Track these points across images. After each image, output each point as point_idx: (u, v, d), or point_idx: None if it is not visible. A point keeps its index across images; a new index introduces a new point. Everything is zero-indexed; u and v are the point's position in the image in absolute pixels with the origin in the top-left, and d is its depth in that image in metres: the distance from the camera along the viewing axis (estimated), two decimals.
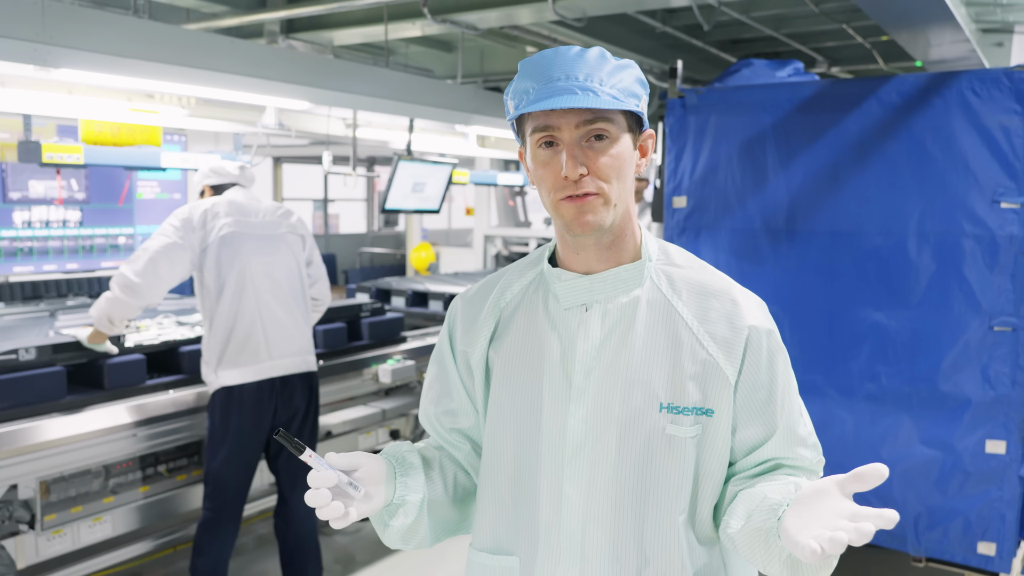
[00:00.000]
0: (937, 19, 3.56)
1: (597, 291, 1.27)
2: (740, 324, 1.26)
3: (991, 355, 2.93)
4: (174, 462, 3.45)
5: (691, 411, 1.24)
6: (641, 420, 1.24)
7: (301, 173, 11.39)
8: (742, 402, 1.27)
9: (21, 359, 2.99)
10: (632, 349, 1.25)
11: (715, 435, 1.26)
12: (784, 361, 1.31)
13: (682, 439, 1.24)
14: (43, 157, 3.82)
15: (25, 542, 2.95)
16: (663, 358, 1.25)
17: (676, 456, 1.24)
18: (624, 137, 1.23)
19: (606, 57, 1.23)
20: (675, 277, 1.30)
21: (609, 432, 1.25)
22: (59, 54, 2.83)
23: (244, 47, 3.58)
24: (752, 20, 5.05)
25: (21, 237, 4.79)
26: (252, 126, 4.76)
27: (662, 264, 1.31)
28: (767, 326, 1.29)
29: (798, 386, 1.37)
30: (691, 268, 1.32)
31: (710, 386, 1.25)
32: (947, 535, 3.06)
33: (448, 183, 5.60)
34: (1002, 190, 2.89)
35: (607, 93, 1.19)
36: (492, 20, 4.41)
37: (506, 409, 1.33)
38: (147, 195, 5.43)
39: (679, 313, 1.27)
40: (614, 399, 1.25)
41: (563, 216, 1.23)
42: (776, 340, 1.30)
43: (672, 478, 1.25)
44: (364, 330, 4.36)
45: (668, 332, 1.26)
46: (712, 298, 1.28)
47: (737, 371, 1.26)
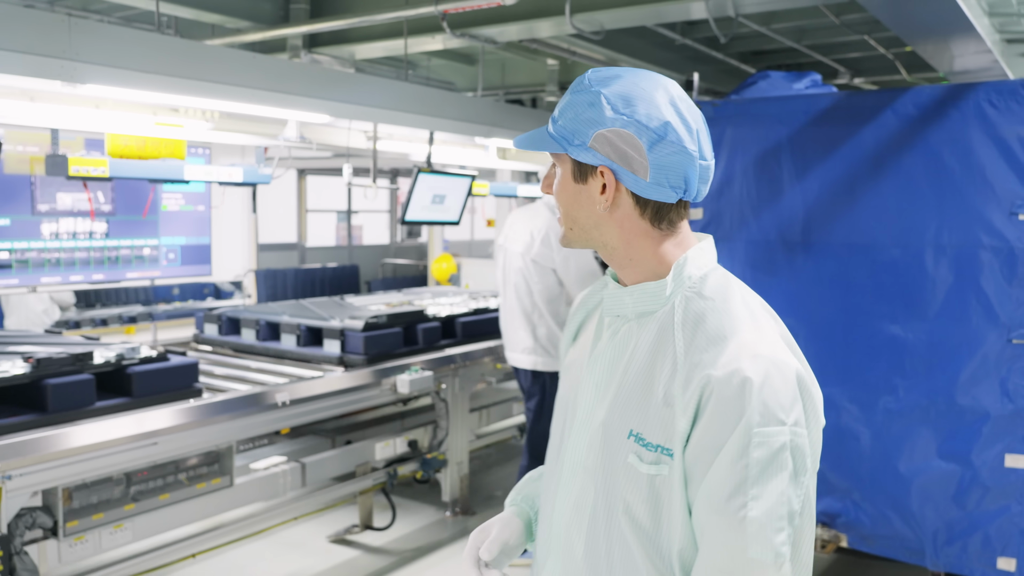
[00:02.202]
0: (959, 30, 3.54)
1: (626, 303, 1.28)
2: (703, 372, 1.14)
3: (1010, 368, 2.91)
4: (194, 470, 3.49)
5: (653, 448, 1.17)
6: (613, 443, 1.23)
7: (325, 185, 11.49)
8: (692, 460, 1.15)
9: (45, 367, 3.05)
10: (628, 369, 1.25)
11: (672, 478, 1.16)
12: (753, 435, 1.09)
13: (641, 473, 1.18)
14: (70, 170, 3.90)
15: (48, 548, 3.01)
16: (646, 385, 1.21)
17: (637, 487, 1.19)
18: (570, 175, 1.27)
19: (572, 89, 1.27)
20: (691, 308, 1.22)
21: (595, 447, 1.27)
22: (85, 70, 2.90)
23: (266, 62, 3.64)
24: (773, 32, 5.06)
25: (49, 248, 4.89)
26: (275, 139, 4.83)
27: (692, 291, 1.24)
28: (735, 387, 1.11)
29: None
30: (712, 301, 1.22)
31: (670, 428, 1.16)
32: (966, 550, 3.03)
33: (468, 195, 5.63)
34: (1020, 202, 2.87)
35: (550, 132, 1.27)
36: (512, 34, 4.44)
37: (558, 402, 1.42)
38: (171, 207, 5.52)
39: (674, 343, 1.20)
40: (600, 415, 1.27)
41: None
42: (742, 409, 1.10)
43: (638, 513, 1.20)
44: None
45: (658, 360, 1.21)
46: (701, 336, 1.18)
47: (689, 423, 1.14)
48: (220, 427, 3.41)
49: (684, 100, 1.23)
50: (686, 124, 1.21)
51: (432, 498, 4.97)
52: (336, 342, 4.27)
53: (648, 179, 1.21)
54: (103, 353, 3.33)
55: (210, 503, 3.51)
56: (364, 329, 4.25)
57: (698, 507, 1.14)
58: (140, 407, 3.23)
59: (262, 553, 4.23)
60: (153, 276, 5.44)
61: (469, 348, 4.80)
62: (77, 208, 4.97)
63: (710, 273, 1.26)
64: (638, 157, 1.20)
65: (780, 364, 1.14)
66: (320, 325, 4.42)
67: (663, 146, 1.19)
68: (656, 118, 1.19)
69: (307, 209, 10.52)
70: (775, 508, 1.09)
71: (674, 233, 1.26)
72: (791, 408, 1.12)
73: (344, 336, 4.27)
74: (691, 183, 1.22)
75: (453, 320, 4.94)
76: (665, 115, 1.19)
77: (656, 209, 1.24)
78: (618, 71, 1.25)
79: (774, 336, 1.20)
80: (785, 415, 1.11)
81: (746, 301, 1.24)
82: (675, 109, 1.20)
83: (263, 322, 4.59)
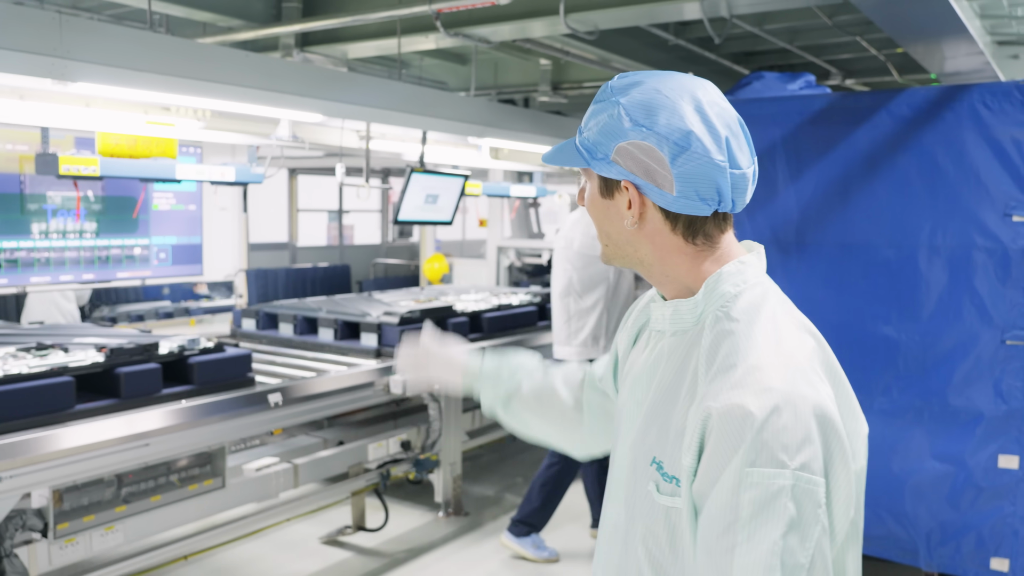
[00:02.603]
0: (951, 32, 3.55)
1: (665, 318, 1.23)
2: (706, 403, 1.06)
3: (1003, 369, 2.92)
4: (186, 472, 3.47)
5: (669, 479, 1.11)
6: (638, 467, 1.19)
7: (316, 184, 11.46)
8: (698, 500, 1.08)
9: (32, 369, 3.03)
10: (658, 389, 1.19)
11: (683, 515, 1.09)
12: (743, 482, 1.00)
13: (658, 505, 1.12)
14: (60, 169, 3.87)
15: (38, 550, 2.98)
16: (668, 410, 1.15)
17: (655, 517, 1.14)
18: (592, 184, 1.23)
19: (598, 99, 1.20)
20: (717, 330, 1.14)
21: (628, 468, 1.23)
22: (76, 68, 2.87)
23: (258, 61, 3.62)
24: (765, 33, 5.06)
25: (38, 248, 4.85)
26: (267, 138, 4.81)
27: (721, 311, 1.15)
28: (731, 423, 1.02)
29: None
30: (737, 323, 1.12)
31: (680, 458, 1.10)
32: (959, 550, 3.04)
33: (460, 195, 5.62)
34: (1014, 203, 2.88)
35: (576, 145, 1.22)
36: (505, 33, 4.43)
37: (616, 411, 1.38)
38: (163, 207, 5.48)
39: (696, 370, 1.13)
40: (632, 436, 1.23)
41: None
42: (734, 448, 1.01)
43: (652, 539, 1.15)
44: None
45: (681, 384, 1.15)
46: (716, 364, 1.10)
47: (695, 458, 1.07)
48: (212, 428, 3.39)
49: (714, 105, 1.15)
50: (713, 132, 1.12)
51: (425, 499, 4.96)
52: (373, 335, 4.50)
53: (675, 192, 1.13)
54: (167, 344, 3.56)
55: (202, 505, 3.49)
56: (400, 323, 4.45)
57: (696, 548, 1.07)
58: (201, 394, 3.46)
59: (254, 555, 4.20)
60: (144, 276, 5.41)
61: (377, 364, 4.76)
62: (67, 207, 4.93)
63: (746, 291, 1.16)
64: (661, 170, 1.12)
65: (793, 398, 1.02)
66: (357, 319, 4.62)
67: (687, 157, 1.11)
68: (677, 128, 1.11)
69: (298, 209, 10.48)
70: (765, 559, 0.98)
71: (712, 248, 1.18)
72: (799, 449, 1.00)
73: (381, 330, 4.47)
74: (724, 194, 1.14)
75: (480, 315, 5.09)
76: (688, 124, 1.11)
77: (688, 223, 1.16)
78: (641, 76, 1.17)
79: (799, 363, 1.07)
80: (789, 457, 0.99)
81: (777, 322, 1.13)
82: (701, 116, 1.12)
83: (300, 317, 4.79)
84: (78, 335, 3.71)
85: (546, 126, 5.68)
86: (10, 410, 2.87)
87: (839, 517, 1.05)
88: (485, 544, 4.41)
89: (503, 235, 8.74)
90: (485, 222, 8.97)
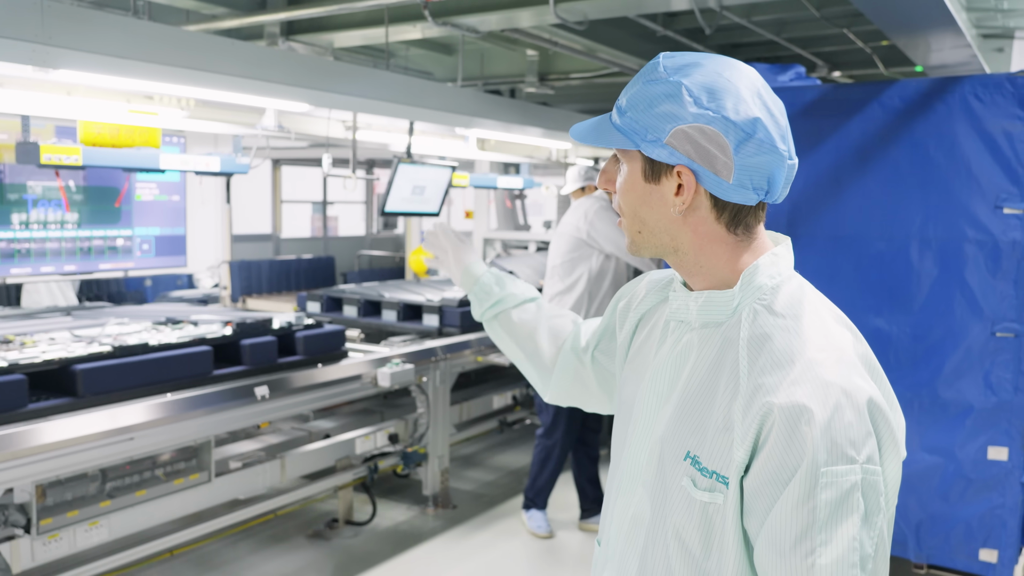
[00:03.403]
0: (938, 24, 3.54)
1: (691, 310, 1.18)
2: (764, 398, 1.03)
3: (993, 361, 2.93)
4: (171, 466, 3.43)
5: (708, 473, 1.08)
6: (671, 462, 1.14)
7: (300, 175, 11.37)
8: (752, 492, 1.05)
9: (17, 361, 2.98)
10: (690, 383, 1.15)
11: (727, 508, 1.07)
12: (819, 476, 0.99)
13: (694, 499, 1.10)
14: (41, 158, 3.80)
15: (21, 546, 2.93)
16: (706, 404, 1.12)
17: (691, 514, 1.11)
18: (639, 175, 1.15)
19: (642, 75, 1.14)
20: (759, 324, 1.11)
21: (652, 463, 1.18)
22: (58, 55, 2.81)
23: (244, 49, 3.57)
24: (753, 24, 5.05)
25: (19, 239, 4.77)
26: (252, 128, 4.74)
27: (760, 304, 1.13)
28: (796, 421, 1.00)
29: None
30: (783, 318, 1.10)
31: (727, 454, 1.07)
32: (949, 542, 3.05)
33: (448, 186, 5.58)
34: (1005, 196, 2.88)
35: (616, 125, 1.14)
36: (493, 23, 4.39)
37: (620, 403, 1.33)
38: (146, 197, 5.41)
39: (739, 362, 1.10)
40: (658, 431, 1.18)
41: None
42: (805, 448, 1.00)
43: (686, 535, 1.11)
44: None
45: (720, 378, 1.11)
46: (768, 357, 1.07)
47: (748, 453, 1.05)
48: (198, 422, 3.35)
49: (769, 93, 1.12)
50: (775, 120, 1.09)
51: (412, 492, 4.93)
52: (435, 316, 4.91)
53: (731, 180, 1.09)
54: (277, 320, 4.04)
55: (188, 499, 3.45)
56: (459, 305, 4.86)
57: (760, 548, 1.04)
58: (307, 365, 3.93)
59: (241, 549, 4.17)
60: (127, 267, 5.33)
61: (451, 341, 4.76)
62: (48, 197, 4.85)
63: (783, 284, 1.14)
64: (722, 157, 1.08)
65: (851, 393, 1.02)
66: (420, 302, 5.00)
67: (751, 145, 1.07)
68: (745, 114, 1.07)
69: (282, 200, 10.40)
70: (846, 555, 0.99)
71: (750, 239, 1.15)
72: (863, 443, 1.01)
73: (442, 311, 4.88)
74: (775, 184, 1.11)
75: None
76: (754, 110, 1.07)
77: (734, 213, 1.12)
78: (695, 57, 1.12)
79: (849, 358, 1.07)
80: (856, 452, 1.00)
81: (821, 316, 1.12)
82: (763, 103, 1.09)
83: (363, 300, 5.12)
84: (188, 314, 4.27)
85: (533, 117, 5.64)
86: (160, 374, 3.35)
87: (891, 504, 1.07)
88: (473, 538, 4.40)
89: (489, 227, 8.71)
90: (471, 214, 8.93)
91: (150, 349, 3.40)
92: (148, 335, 3.63)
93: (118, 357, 3.26)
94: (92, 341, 3.46)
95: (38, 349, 3.28)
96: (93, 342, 3.44)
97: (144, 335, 3.63)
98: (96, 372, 3.14)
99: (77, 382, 3.08)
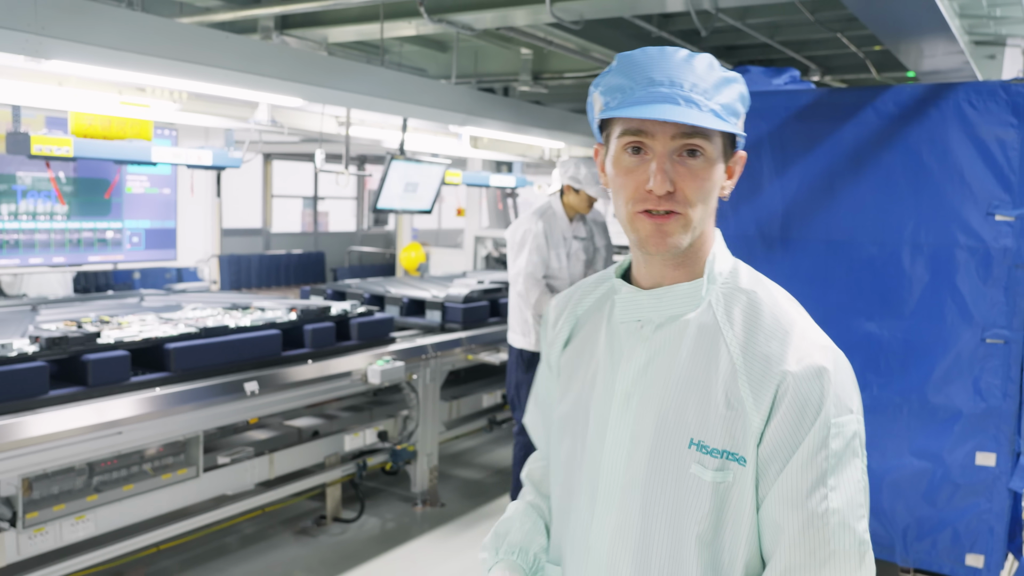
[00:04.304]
0: (932, 30, 3.56)
1: (651, 307, 1.20)
2: (777, 367, 1.10)
3: (983, 367, 2.94)
4: (159, 460, 3.41)
5: (718, 453, 1.11)
6: (670, 454, 1.15)
7: (292, 170, 11.33)
8: (766, 458, 1.11)
9: (3, 353, 2.95)
10: (672, 376, 1.17)
11: (744, 486, 1.11)
12: (830, 426, 1.08)
13: (705, 482, 1.12)
14: (32, 149, 3.77)
15: (6, 540, 2.91)
16: (700, 390, 1.14)
17: (701, 498, 1.13)
18: (719, 160, 1.15)
19: (714, 67, 1.14)
20: (734, 301, 1.17)
21: (640, 461, 1.17)
22: (51, 45, 2.79)
23: (238, 42, 3.55)
24: (747, 27, 5.06)
25: (7, 230, 4.73)
26: (244, 122, 4.72)
27: (727, 286, 1.19)
28: (812, 379, 1.09)
29: None
30: (754, 293, 1.17)
31: (739, 430, 1.11)
32: (935, 546, 3.06)
33: (441, 183, 5.57)
34: (997, 202, 2.89)
35: (710, 108, 1.11)
36: (488, 21, 4.38)
37: (563, 418, 1.30)
38: (136, 190, 5.37)
39: (726, 342, 1.15)
40: (647, 427, 1.17)
41: (638, 231, 1.15)
42: (820, 399, 1.09)
43: (701, 525, 1.13)
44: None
45: (711, 362, 1.15)
46: (761, 332, 1.14)
47: (763, 419, 1.10)
48: (187, 417, 3.33)
49: None
50: None
51: (401, 490, 4.92)
52: (437, 312, 5.01)
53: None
54: (335, 308, 4.33)
55: (176, 494, 3.43)
56: (463, 301, 5.00)
57: (772, 504, 1.10)
58: (361, 349, 4.24)
59: (229, 545, 4.15)
60: (116, 260, 5.30)
61: (442, 339, 4.76)
62: (37, 188, 4.81)
63: (736, 265, 1.22)
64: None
65: (840, 353, 1.14)
66: (423, 297, 5.09)
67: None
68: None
69: (272, 194, 10.36)
70: (854, 496, 1.09)
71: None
72: (855, 395, 1.14)
73: (444, 308, 4.97)
74: None
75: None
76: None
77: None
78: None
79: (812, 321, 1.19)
80: (852, 403, 1.12)
81: (772, 285, 1.21)
82: None
83: (367, 295, 5.20)
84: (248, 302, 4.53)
85: (527, 115, 5.64)
86: (239, 354, 3.64)
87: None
88: (461, 536, 4.39)
89: (480, 225, 8.70)
90: (463, 211, 8.92)
91: (230, 331, 3.70)
92: (223, 319, 3.93)
93: (204, 338, 3.60)
94: (178, 323, 3.75)
95: (134, 329, 3.58)
96: (179, 323, 3.73)
97: (219, 319, 3.93)
98: (186, 351, 3.47)
99: (170, 359, 3.42)
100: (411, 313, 5.11)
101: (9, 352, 2.95)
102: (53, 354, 3.09)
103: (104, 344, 3.23)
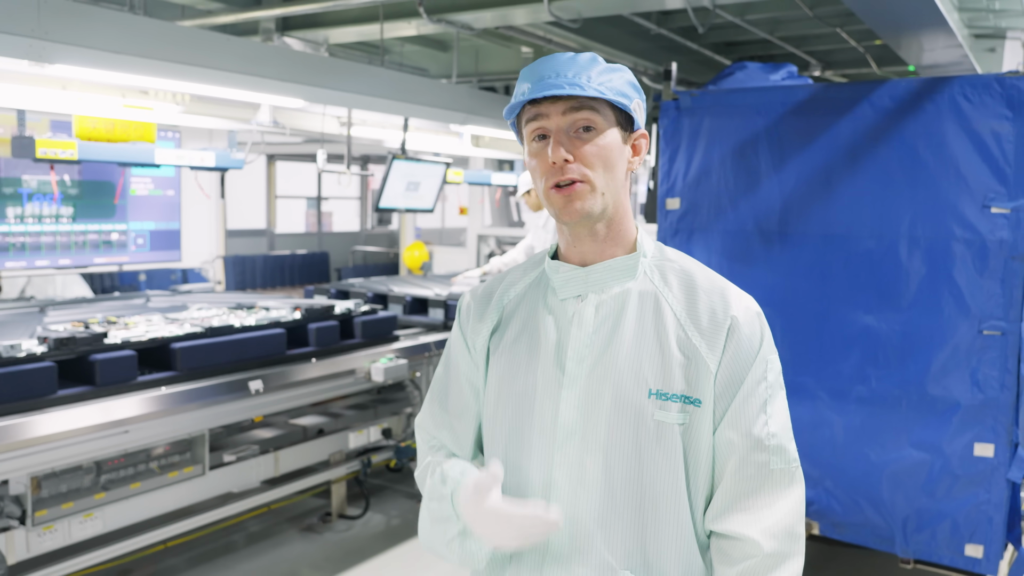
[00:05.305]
0: (930, 24, 3.57)
1: (592, 282, 1.32)
2: (724, 315, 1.29)
3: (980, 359, 2.96)
4: (166, 459, 3.45)
5: (678, 398, 1.27)
6: (631, 406, 1.27)
7: (295, 171, 11.37)
8: (719, 393, 1.29)
9: (11, 354, 2.99)
10: (623, 338, 1.30)
11: (701, 425, 1.28)
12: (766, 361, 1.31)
13: (670, 425, 1.27)
14: (37, 153, 3.81)
15: (16, 538, 2.95)
16: (652, 346, 1.29)
17: (665, 444, 1.27)
18: (611, 130, 1.28)
19: (597, 60, 1.30)
20: (667, 271, 1.35)
21: (599, 417, 1.28)
22: (54, 50, 2.83)
23: (239, 44, 3.58)
24: (746, 23, 5.08)
25: (13, 232, 4.78)
26: (247, 123, 4.76)
27: (656, 259, 1.36)
28: (753, 321, 1.31)
29: (790, 386, 1.36)
30: (682, 261, 1.37)
31: (694, 375, 1.28)
32: (935, 537, 3.08)
33: (442, 182, 5.60)
34: (992, 195, 2.91)
35: (593, 88, 1.25)
36: (487, 20, 4.41)
37: (502, 398, 1.37)
38: (140, 191, 5.41)
39: (668, 304, 1.31)
40: (605, 385, 1.28)
41: (554, 205, 1.29)
42: (760, 339, 1.31)
43: (663, 468, 1.27)
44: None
45: (657, 322, 1.30)
46: (700, 291, 1.32)
47: (718, 361, 1.28)
48: (192, 415, 3.37)
49: None
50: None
51: (405, 487, 4.96)
52: (440, 310, 4.98)
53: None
54: (339, 307, 4.40)
55: (182, 492, 3.47)
56: None
57: (724, 430, 1.28)
58: (364, 347, 4.27)
59: (235, 542, 4.19)
60: (121, 261, 5.34)
61: (443, 336, 4.79)
62: (43, 191, 4.86)
63: (659, 244, 1.41)
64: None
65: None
66: (427, 295, 5.06)
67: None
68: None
69: (276, 195, 10.40)
70: (786, 421, 1.32)
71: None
72: (771, 338, 1.35)
73: (447, 305, 4.94)
74: None
75: None
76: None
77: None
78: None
79: None
80: (772, 343, 1.34)
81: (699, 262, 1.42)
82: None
83: (371, 293, 5.20)
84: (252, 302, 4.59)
85: None
86: (243, 353, 3.68)
87: None
88: None
89: (483, 223, 8.73)
90: (465, 210, 8.95)
91: (235, 331, 3.73)
92: (228, 318, 3.97)
93: (209, 337, 3.63)
94: (184, 323, 3.78)
95: (140, 329, 3.61)
96: (184, 323, 3.76)
97: (224, 318, 3.97)
98: (191, 350, 3.50)
99: (176, 359, 3.45)
100: (414, 311, 5.14)
101: (18, 353, 2.99)
102: (61, 354, 3.13)
103: (111, 344, 3.27)
